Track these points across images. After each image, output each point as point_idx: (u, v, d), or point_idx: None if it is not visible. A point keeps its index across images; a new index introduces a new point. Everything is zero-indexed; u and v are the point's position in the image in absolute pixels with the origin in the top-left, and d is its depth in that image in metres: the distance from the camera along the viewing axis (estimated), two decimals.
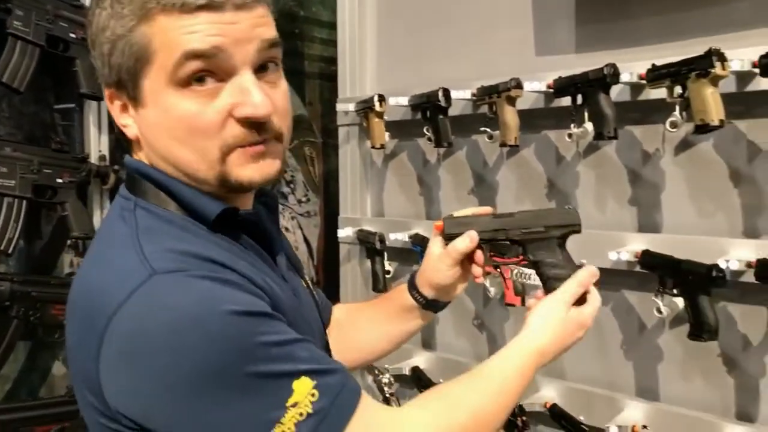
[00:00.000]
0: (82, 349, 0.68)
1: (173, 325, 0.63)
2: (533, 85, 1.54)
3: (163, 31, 0.68)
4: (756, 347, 1.34)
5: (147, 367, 0.63)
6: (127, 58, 0.70)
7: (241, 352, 0.63)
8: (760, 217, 1.33)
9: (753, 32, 1.33)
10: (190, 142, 0.71)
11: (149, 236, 0.70)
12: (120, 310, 0.64)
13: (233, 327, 0.63)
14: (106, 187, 1.73)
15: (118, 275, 0.66)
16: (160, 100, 0.70)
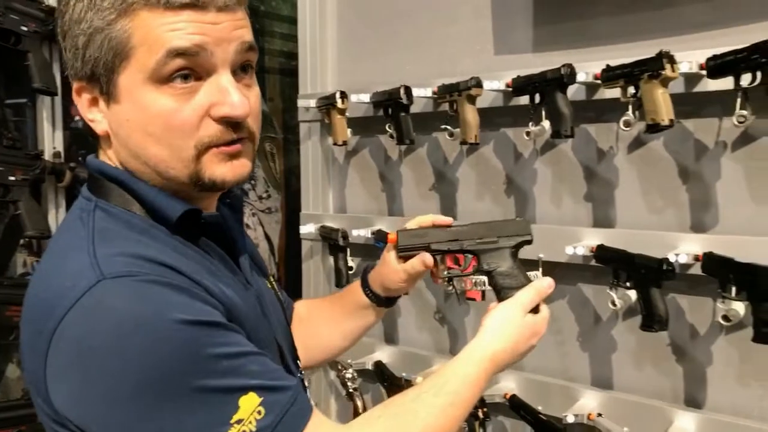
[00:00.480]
0: (33, 353, 0.67)
1: (119, 331, 0.61)
2: (492, 84, 1.57)
3: (145, 27, 0.67)
4: (703, 336, 1.41)
5: (91, 373, 0.62)
6: (104, 51, 0.68)
7: (189, 363, 0.61)
8: (707, 212, 1.40)
9: (701, 35, 1.39)
10: (165, 140, 0.70)
11: (104, 239, 0.69)
12: (67, 315, 0.63)
13: (182, 336, 0.62)
14: (62, 184, 1.69)
15: (68, 279, 0.65)
16: (137, 96, 0.69)
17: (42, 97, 1.67)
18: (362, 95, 1.85)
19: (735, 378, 1.36)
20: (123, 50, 0.68)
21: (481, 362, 0.84)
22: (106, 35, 0.68)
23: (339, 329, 1.12)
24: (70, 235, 0.72)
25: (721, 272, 1.24)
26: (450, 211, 1.83)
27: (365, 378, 1.93)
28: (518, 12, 1.66)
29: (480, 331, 0.88)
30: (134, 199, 0.73)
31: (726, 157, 1.37)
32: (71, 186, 1.70)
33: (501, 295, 0.96)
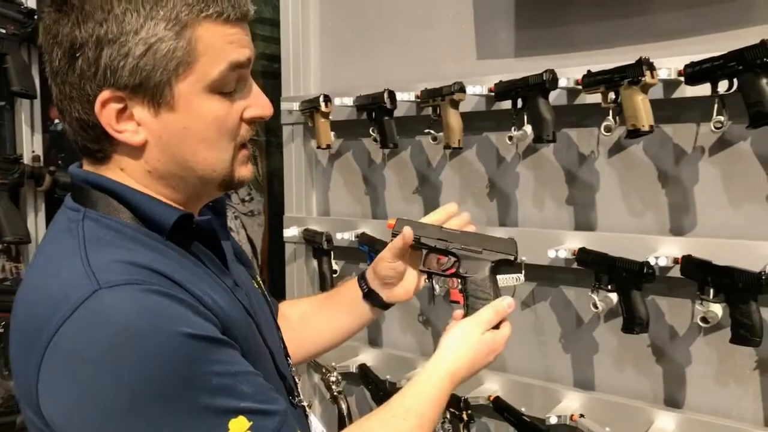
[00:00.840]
0: (24, 366, 0.66)
1: (113, 344, 0.60)
2: (475, 89, 1.59)
3: (207, 38, 0.70)
4: (682, 338, 1.43)
5: (84, 386, 0.61)
6: (170, 59, 0.69)
7: (185, 378, 0.61)
8: (685, 215, 1.42)
9: (679, 42, 1.41)
10: (217, 144, 0.73)
11: (96, 247, 0.68)
12: (62, 328, 0.62)
13: (177, 350, 0.61)
14: (41, 189, 1.66)
15: (62, 289, 0.64)
16: (195, 104, 0.71)
17: (20, 100, 1.64)
18: (345, 99, 1.85)
19: (714, 378, 1.39)
20: (186, 60, 0.69)
21: (442, 381, 0.86)
22: (169, 45, 0.68)
23: (329, 322, 1.11)
24: (60, 245, 0.71)
25: (699, 275, 1.26)
26: None
27: (350, 381, 1.93)
28: (500, 17, 1.67)
29: (439, 349, 0.90)
30: (125, 207, 0.72)
31: (704, 162, 1.39)
32: (51, 190, 1.68)
33: (466, 302, 0.99)
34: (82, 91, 0.70)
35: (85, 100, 0.70)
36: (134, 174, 0.74)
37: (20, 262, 1.67)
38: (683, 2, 1.40)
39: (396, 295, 1.09)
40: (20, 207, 1.64)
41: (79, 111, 0.71)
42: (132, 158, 0.73)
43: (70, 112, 0.71)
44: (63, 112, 0.73)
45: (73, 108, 0.71)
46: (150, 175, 0.74)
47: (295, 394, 0.86)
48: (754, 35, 1.28)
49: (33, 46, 1.64)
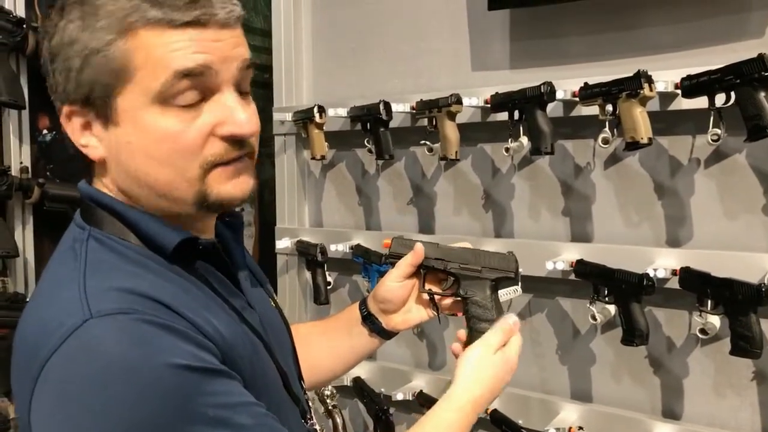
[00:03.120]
0: (20, 394, 0.64)
1: (104, 376, 0.58)
2: (471, 101, 1.59)
3: (147, 47, 0.65)
4: (679, 349, 1.44)
5: (74, 418, 0.59)
6: (103, 74, 0.65)
7: (176, 410, 0.59)
8: (682, 227, 1.43)
9: (674, 55, 1.43)
10: (171, 162, 0.68)
11: (95, 272, 0.66)
12: (52, 358, 0.60)
13: (171, 382, 0.59)
14: (29, 201, 1.63)
15: (56, 316, 0.63)
16: (139, 118, 0.66)
17: (8, 111, 1.61)
18: (339, 109, 1.84)
19: (711, 389, 1.40)
20: (123, 72, 0.65)
21: (463, 410, 0.85)
22: (105, 56, 0.65)
23: (329, 344, 1.07)
24: (62, 267, 0.69)
25: (698, 287, 1.27)
26: (428, 226, 1.84)
27: (344, 394, 1.91)
28: (495, 29, 1.68)
29: (456, 380, 0.88)
30: (128, 227, 0.70)
31: (700, 174, 1.41)
32: (39, 202, 1.64)
33: (470, 324, 0.97)
34: (55, 105, 0.70)
35: (59, 114, 0.70)
36: (113, 190, 0.72)
37: (7, 276, 1.63)
38: (678, 16, 1.42)
39: (394, 322, 1.04)
40: (7, 220, 1.60)
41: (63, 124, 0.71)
42: (103, 173, 0.72)
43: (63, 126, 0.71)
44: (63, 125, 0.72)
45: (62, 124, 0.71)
46: (123, 194, 0.72)
47: (308, 417, 0.84)
48: (749, 49, 1.30)
49: (22, 56, 1.61)
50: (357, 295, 1.96)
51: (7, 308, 1.58)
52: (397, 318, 1.04)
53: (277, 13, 2.05)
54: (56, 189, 1.68)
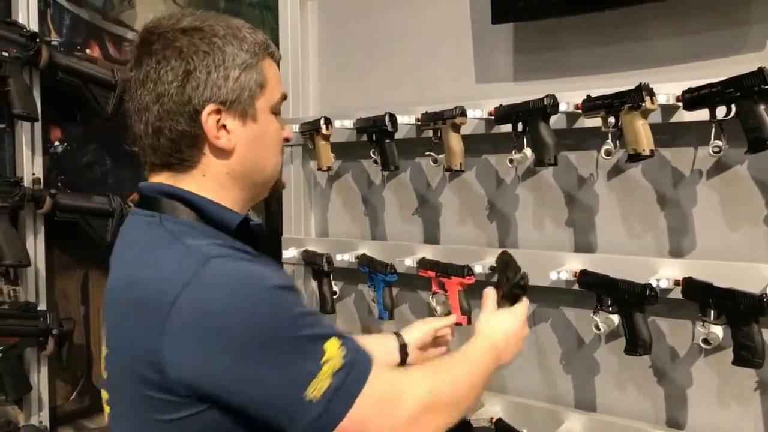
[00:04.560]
0: (140, 331, 0.77)
1: (234, 298, 0.76)
2: (475, 113, 1.61)
3: (269, 71, 0.91)
4: (683, 359, 1.45)
5: (213, 334, 0.74)
6: (253, 82, 0.88)
7: (287, 318, 0.77)
8: (684, 238, 1.45)
9: (675, 67, 1.45)
10: (276, 151, 0.95)
11: (186, 235, 0.82)
12: (185, 290, 0.75)
13: (279, 298, 0.78)
14: (41, 211, 1.65)
15: (174, 264, 0.78)
16: (265, 118, 0.91)
17: (21, 123, 1.64)
18: (345, 121, 1.87)
19: (715, 399, 1.40)
20: (263, 83, 0.90)
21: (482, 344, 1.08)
22: (256, 69, 0.89)
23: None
24: (149, 236, 0.84)
25: (700, 297, 1.28)
26: (433, 236, 1.86)
27: None
28: (499, 42, 1.70)
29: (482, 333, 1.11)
30: (192, 211, 0.86)
31: (702, 185, 1.42)
32: (51, 213, 1.67)
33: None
34: (188, 107, 0.85)
35: (189, 114, 0.86)
36: (215, 176, 0.89)
37: (18, 285, 1.66)
38: (680, 29, 1.44)
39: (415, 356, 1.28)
40: (20, 230, 1.63)
41: (182, 124, 0.86)
42: (218, 161, 0.89)
43: (172, 127, 0.86)
44: (161, 129, 0.86)
45: (175, 123, 0.86)
46: (228, 176, 0.89)
47: None
48: (749, 62, 1.31)
49: (35, 69, 1.64)
50: (363, 305, 1.98)
51: (18, 317, 1.61)
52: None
53: (284, 26, 2.09)
54: (67, 199, 1.71)
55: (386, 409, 0.81)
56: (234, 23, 0.90)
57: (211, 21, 0.89)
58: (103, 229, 1.77)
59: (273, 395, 0.76)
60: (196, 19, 0.88)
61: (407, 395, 0.84)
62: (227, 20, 0.91)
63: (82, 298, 1.83)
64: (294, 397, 0.75)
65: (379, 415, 0.80)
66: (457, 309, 1.62)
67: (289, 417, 0.76)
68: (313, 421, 0.75)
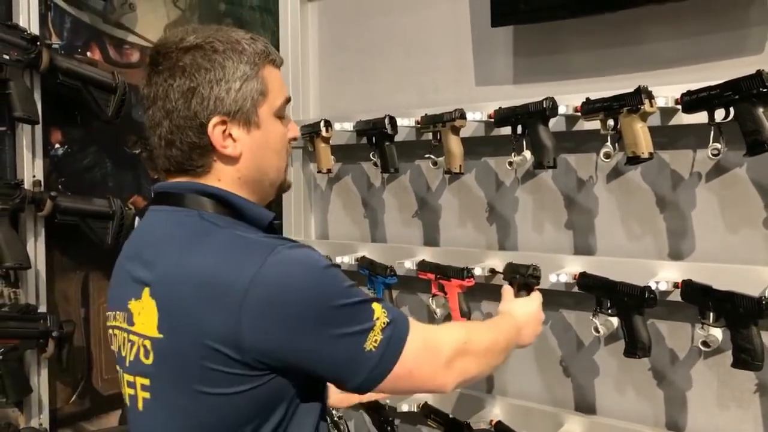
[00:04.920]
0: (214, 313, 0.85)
1: (299, 278, 0.86)
2: (475, 115, 1.61)
3: (270, 78, 0.96)
4: (682, 361, 1.45)
5: (287, 310, 0.84)
6: (254, 91, 0.94)
7: (342, 289, 0.89)
8: (683, 240, 1.45)
9: (674, 70, 1.45)
10: (281, 154, 1.00)
11: (236, 228, 0.91)
12: (258, 274, 0.84)
13: (332, 274, 0.89)
14: (42, 214, 1.65)
15: (241, 256, 0.86)
16: (268, 124, 0.97)
17: (22, 126, 1.64)
18: (345, 123, 1.87)
19: (714, 402, 1.40)
20: (264, 91, 0.95)
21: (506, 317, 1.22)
22: (256, 80, 0.94)
23: None
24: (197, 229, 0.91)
25: (700, 300, 1.28)
26: (432, 238, 1.86)
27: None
28: (499, 45, 1.70)
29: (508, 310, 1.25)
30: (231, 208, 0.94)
31: (701, 187, 1.42)
32: (51, 215, 1.67)
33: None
34: (194, 121, 0.92)
35: (197, 127, 0.92)
36: (228, 180, 0.96)
37: (19, 287, 1.66)
38: (679, 32, 1.44)
39: None
40: (20, 232, 1.63)
41: (191, 137, 0.93)
42: (228, 167, 0.96)
43: (182, 140, 0.93)
44: (173, 142, 0.93)
45: (185, 136, 0.93)
46: (240, 181, 0.96)
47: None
48: (748, 65, 1.31)
49: (35, 72, 1.64)
50: None
51: (18, 319, 1.61)
52: None
53: (284, 29, 2.09)
54: (68, 202, 1.71)
55: (428, 355, 0.95)
56: (233, 36, 0.95)
57: (211, 37, 0.94)
58: (103, 232, 1.77)
59: (341, 353, 0.87)
60: (198, 36, 0.94)
61: (443, 344, 0.98)
62: (227, 34, 0.95)
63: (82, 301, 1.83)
64: (357, 351, 0.87)
65: (423, 360, 0.94)
66: (457, 311, 1.62)
67: (352, 370, 0.88)
68: (372, 369, 0.88)
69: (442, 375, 0.97)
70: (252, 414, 0.88)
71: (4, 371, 1.57)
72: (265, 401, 0.89)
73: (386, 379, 0.90)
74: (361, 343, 0.88)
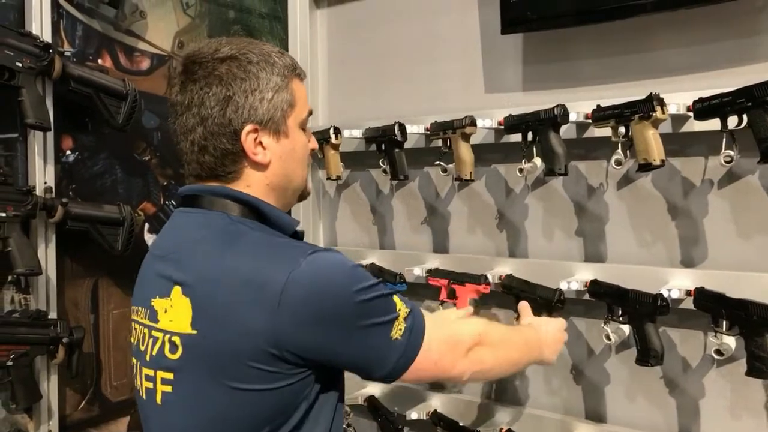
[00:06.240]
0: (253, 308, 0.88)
1: (334, 277, 0.91)
2: (484, 122, 1.61)
3: (297, 91, 1.02)
4: (695, 369, 1.44)
5: (323, 304, 0.89)
6: (284, 102, 0.99)
7: (368, 287, 0.93)
8: (695, 248, 1.44)
9: (684, 77, 1.45)
10: (304, 163, 1.05)
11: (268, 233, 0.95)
12: (296, 271, 0.88)
13: (359, 274, 0.94)
14: (53, 220, 1.65)
15: (278, 259, 0.90)
16: (294, 134, 1.02)
17: (34, 132, 1.64)
18: (354, 131, 1.87)
19: (727, 411, 1.39)
20: (292, 102, 1.00)
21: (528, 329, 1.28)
22: (286, 91, 1.00)
23: None
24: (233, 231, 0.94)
25: (713, 307, 1.27)
26: (442, 245, 1.85)
27: (357, 413, 1.92)
28: (508, 52, 1.71)
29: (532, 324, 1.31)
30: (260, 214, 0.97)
31: (713, 195, 1.42)
32: (62, 221, 1.67)
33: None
34: (229, 128, 0.96)
35: (231, 134, 0.96)
36: (257, 186, 0.99)
37: (29, 293, 1.66)
38: (690, 39, 1.44)
39: None
40: (31, 238, 1.63)
41: (224, 143, 0.96)
42: (258, 173, 1.00)
43: (216, 146, 0.97)
44: (206, 147, 0.97)
45: (218, 142, 0.96)
46: (267, 187, 1.00)
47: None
48: (760, 72, 1.32)
49: (48, 79, 1.65)
50: None
51: (29, 325, 1.61)
52: None
53: (293, 36, 2.10)
54: (78, 208, 1.71)
55: (450, 344, 1.02)
56: (265, 49, 1.00)
57: (245, 49, 0.98)
58: (113, 238, 1.77)
59: (371, 342, 0.93)
60: (232, 48, 0.98)
61: (463, 334, 1.05)
62: (260, 47, 1.00)
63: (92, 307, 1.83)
64: (386, 339, 0.93)
65: (445, 349, 1.01)
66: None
67: (381, 359, 0.94)
68: (398, 358, 0.94)
69: (461, 364, 1.03)
70: (278, 410, 0.92)
71: (14, 377, 1.57)
72: (292, 398, 0.92)
73: (411, 367, 0.95)
74: (388, 332, 0.93)
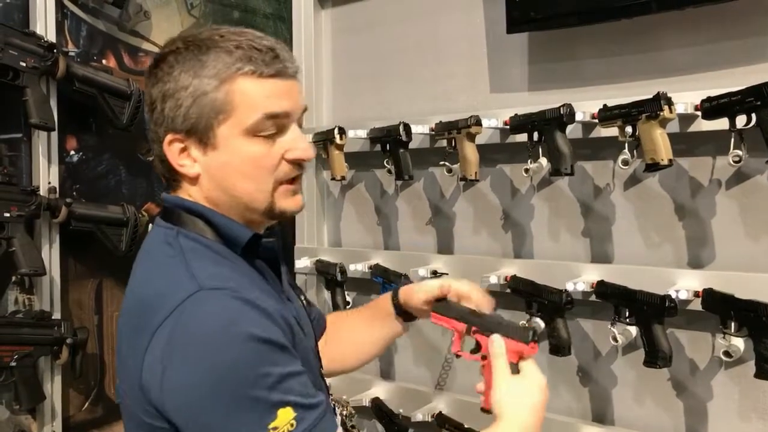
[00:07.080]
0: (133, 352, 0.81)
1: (207, 336, 0.77)
2: (490, 122, 1.60)
3: (243, 91, 0.85)
4: (703, 371, 1.42)
5: (180, 367, 0.76)
6: (208, 110, 0.85)
7: (252, 373, 0.76)
8: (703, 248, 1.43)
9: (691, 77, 1.43)
10: (254, 177, 0.87)
11: (194, 257, 0.84)
12: (170, 316, 0.78)
13: (251, 350, 0.76)
14: (57, 220, 1.65)
15: (170, 288, 0.81)
16: (233, 144, 0.86)
17: (38, 132, 1.65)
18: (359, 131, 1.87)
19: (736, 413, 1.38)
20: (225, 109, 0.85)
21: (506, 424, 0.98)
22: (211, 97, 0.85)
23: (369, 335, 1.23)
24: (162, 254, 0.87)
25: (721, 309, 1.26)
26: (447, 246, 1.84)
27: (362, 415, 1.91)
28: (514, 51, 1.70)
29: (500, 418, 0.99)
30: (209, 227, 0.88)
31: (721, 195, 1.40)
32: (66, 222, 1.67)
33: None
34: (156, 135, 0.89)
35: (159, 141, 0.89)
36: (198, 198, 0.90)
37: (33, 294, 1.66)
38: (697, 38, 1.43)
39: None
40: (35, 238, 1.63)
41: (157, 150, 0.90)
42: (192, 186, 0.90)
43: (156, 152, 0.90)
44: (152, 151, 0.92)
45: (155, 148, 0.90)
46: (207, 201, 0.90)
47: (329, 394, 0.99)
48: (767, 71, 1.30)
49: (52, 79, 1.65)
50: None
51: (33, 326, 1.61)
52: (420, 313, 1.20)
53: (297, 36, 2.10)
54: (82, 209, 1.71)
55: None
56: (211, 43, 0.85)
57: (189, 43, 0.86)
58: (117, 239, 1.77)
59: None
60: (179, 42, 0.87)
61: None
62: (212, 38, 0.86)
63: (96, 308, 1.83)
64: None
65: None
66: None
67: None
68: None
69: None
70: None
71: (18, 378, 1.57)
72: None
73: None
74: None
